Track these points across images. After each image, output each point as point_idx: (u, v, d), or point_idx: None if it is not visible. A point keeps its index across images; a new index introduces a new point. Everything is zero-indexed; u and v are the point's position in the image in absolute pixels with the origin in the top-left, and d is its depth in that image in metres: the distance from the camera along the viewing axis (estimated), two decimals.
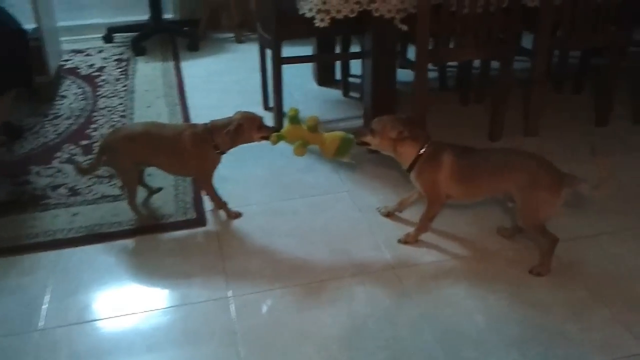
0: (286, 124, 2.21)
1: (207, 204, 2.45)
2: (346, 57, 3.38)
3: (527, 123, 2.91)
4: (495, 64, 3.33)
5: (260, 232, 2.31)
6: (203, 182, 2.34)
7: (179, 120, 3.17)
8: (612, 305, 1.90)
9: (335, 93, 3.54)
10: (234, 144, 2.25)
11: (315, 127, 2.17)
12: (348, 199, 2.50)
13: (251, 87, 3.49)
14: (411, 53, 3.11)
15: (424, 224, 2.22)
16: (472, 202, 2.31)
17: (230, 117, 2.24)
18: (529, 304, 1.92)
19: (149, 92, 3.56)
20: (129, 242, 2.25)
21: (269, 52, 2.94)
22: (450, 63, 3.53)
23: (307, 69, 3.74)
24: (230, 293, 1.99)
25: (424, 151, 2.09)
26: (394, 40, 2.71)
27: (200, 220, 2.37)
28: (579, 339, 1.78)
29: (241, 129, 2.19)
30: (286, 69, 2.90)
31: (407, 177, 2.17)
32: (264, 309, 1.93)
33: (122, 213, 2.40)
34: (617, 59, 2.90)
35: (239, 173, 2.36)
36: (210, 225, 2.35)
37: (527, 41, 2.84)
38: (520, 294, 1.96)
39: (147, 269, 2.13)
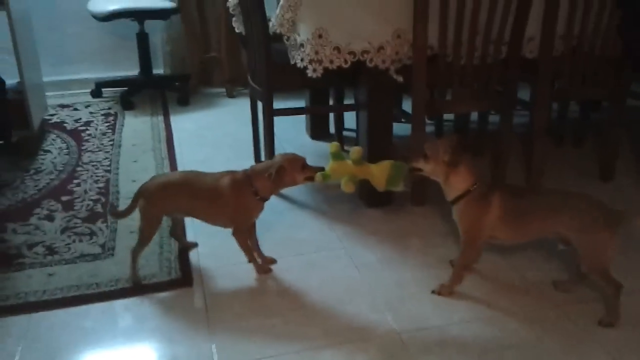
0: (330, 161, 2.10)
1: (195, 261, 2.29)
2: (340, 109, 3.30)
3: (529, 178, 2.80)
4: (493, 118, 3.27)
5: (251, 293, 2.14)
6: (237, 230, 2.20)
7: None
8: None
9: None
10: (276, 188, 2.14)
11: (360, 159, 2.06)
12: (345, 256, 2.35)
13: (242, 140, 3.38)
14: (406, 105, 3.04)
15: (459, 273, 2.08)
16: (517, 244, 2.17)
17: (271, 161, 2.14)
18: None
19: (136, 147, 3.44)
20: (107, 305, 2.07)
21: (260, 105, 2.84)
22: (447, 116, 3.47)
23: (300, 122, 3.65)
24: None
25: (475, 188, 1.97)
26: (389, 92, 2.63)
27: (185, 280, 2.20)
28: None
29: (283, 172, 2.07)
30: (278, 122, 2.80)
31: (407, 230, 2.03)
32: None
33: (101, 274, 2.23)
34: (617, 111, 2.83)
35: (228, 230, 2.21)
36: (197, 285, 2.17)
37: (523, 94, 2.77)
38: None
39: (126, 335, 1.94)
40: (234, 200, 2.11)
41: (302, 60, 2.41)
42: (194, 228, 2.48)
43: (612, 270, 1.91)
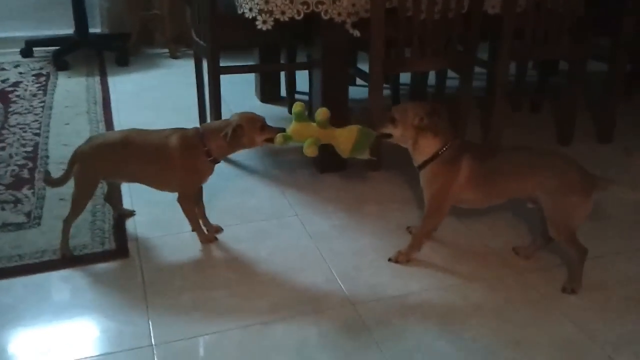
0: (292, 121, 1.91)
1: (132, 231, 2.09)
2: (292, 67, 3.10)
3: (488, 140, 2.69)
4: (451, 83, 3.15)
5: (193, 264, 1.95)
6: (183, 195, 1.98)
7: None
8: (606, 343, 1.64)
9: (280, 110, 3.24)
10: (232, 149, 1.94)
11: (326, 122, 1.88)
12: (297, 224, 2.18)
13: (186, 103, 3.15)
14: (362, 65, 2.87)
15: (419, 240, 1.96)
16: (486, 207, 2.03)
17: (226, 120, 1.93)
18: (511, 342, 1.63)
19: (69, 109, 3.17)
20: (31, 279, 1.85)
21: (206, 65, 2.61)
22: (403, 80, 3.33)
23: (249, 84, 3.44)
24: (154, 340, 1.61)
25: (444, 151, 1.84)
26: (345, 49, 2.45)
27: (121, 251, 1.99)
28: None
29: (241, 131, 1.87)
30: (225, 83, 2.59)
31: (363, 196, 1.87)
32: (195, 359, 1.57)
33: (25, 245, 2.00)
34: (578, 72, 2.75)
35: (170, 195, 2.01)
36: (134, 256, 1.97)
37: (481, 55, 2.64)
38: (499, 330, 1.68)
39: (53, 312, 1.73)
40: (184, 162, 1.90)
41: (250, 10, 2.21)
42: (131, 194, 2.26)
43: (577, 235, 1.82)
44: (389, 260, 1.97)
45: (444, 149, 1.84)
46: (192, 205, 2.02)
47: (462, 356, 1.58)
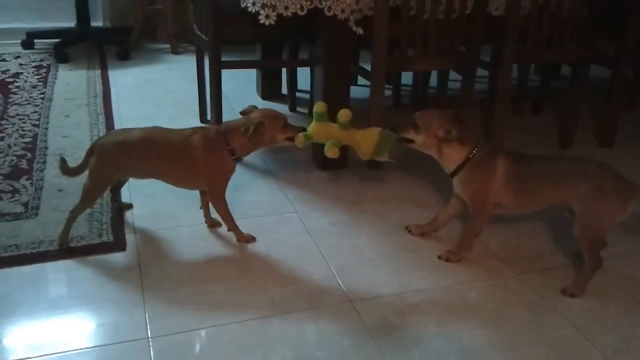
0: (312, 122, 1.91)
1: (129, 224, 2.07)
2: (294, 63, 3.09)
3: (490, 142, 2.68)
4: (452, 85, 3.15)
5: (191, 258, 1.94)
6: (215, 195, 1.97)
7: (101, 130, 2.77)
8: (604, 346, 1.64)
9: (281, 108, 3.21)
10: (254, 147, 1.93)
11: (347, 123, 1.86)
12: (296, 220, 2.17)
13: (187, 98, 3.15)
14: (364, 62, 2.86)
15: (469, 240, 1.95)
16: (522, 213, 2.02)
17: (246, 117, 1.91)
18: (509, 344, 1.63)
19: (69, 101, 3.15)
20: (28, 270, 1.83)
21: (207, 61, 2.60)
22: (404, 82, 3.32)
23: (250, 81, 3.43)
24: (150, 333, 1.60)
25: (474, 155, 1.83)
26: (348, 46, 2.44)
27: (118, 244, 1.97)
28: None
29: (263, 129, 1.86)
30: (226, 80, 2.58)
31: (362, 194, 1.86)
32: (191, 353, 1.56)
33: (22, 235, 1.98)
34: (581, 75, 2.74)
35: (166, 189, 2.00)
36: (131, 249, 1.96)
37: (484, 56, 2.64)
38: (497, 331, 1.67)
39: (49, 302, 1.71)
40: (209, 161, 1.89)
41: (253, 4, 2.20)
42: (130, 187, 2.25)
43: None
44: (438, 257, 1.97)
45: (474, 151, 1.85)
46: (226, 204, 1.99)
47: (460, 356, 1.57)
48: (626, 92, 2.93)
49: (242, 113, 1.96)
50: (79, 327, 1.64)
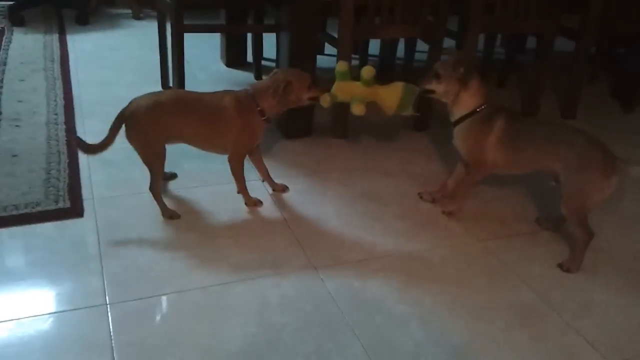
0: (335, 80, 1.91)
1: (87, 190, 2.01)
2: (259, 28, 3.02)
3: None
4: (419, 56, 3.13)
5: (151, 225, 1.90)
6: (237, 156, 1.96)
7: (58, 95, 2.67)
8: (562, 309, 1.66)
9: (246, 76, 3.17)
10: (282, 107, 1.91)
11: (371, 80, 1.88)
12: (261, 188, 2.14)
13: (148, 64, 3.06)
14: (331, 29, 2.81)
15: (466, 189, 2.02)
16: (515, 174, 2.04)
17: (271, 78, 1.90)
18: (471, 308, 1.64)
19: (24, 65, 3.03)
20: None
21: (169, 25, 2.51)
22: (371, 52, 3.29)
23: (214, 48, 3.35)
24: (108, 299, 1.56)
25: (481, 110, 1.89)
26: (315, 12, 2.39)
27: (75, 210, 1.92)
28: (530, 348, 1.52)
29: (291, 88, 1.85)
30: (189, 46, 2.50)
31: (328, 163, 1.84)
32: (151, 319, 1.52)
33: None
34: (546, 46, 2.76)
35: (128, 155, 1.93)
36: (89, 216, 1.90)
37: (451, 25, 2.63)
38: (459, 295, 1.68)
39: (4, 268, 1.66)
40: (241, 122, 1.88)
41: None
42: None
43: None
44: (443, 213, 2.03)
45: (482, 107, 1.89)
46: (242, 166, 1.98)
47: (421, 320, 1.58)
48: (589, 65, 2.96)
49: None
50: (34, 294, 1.59)
